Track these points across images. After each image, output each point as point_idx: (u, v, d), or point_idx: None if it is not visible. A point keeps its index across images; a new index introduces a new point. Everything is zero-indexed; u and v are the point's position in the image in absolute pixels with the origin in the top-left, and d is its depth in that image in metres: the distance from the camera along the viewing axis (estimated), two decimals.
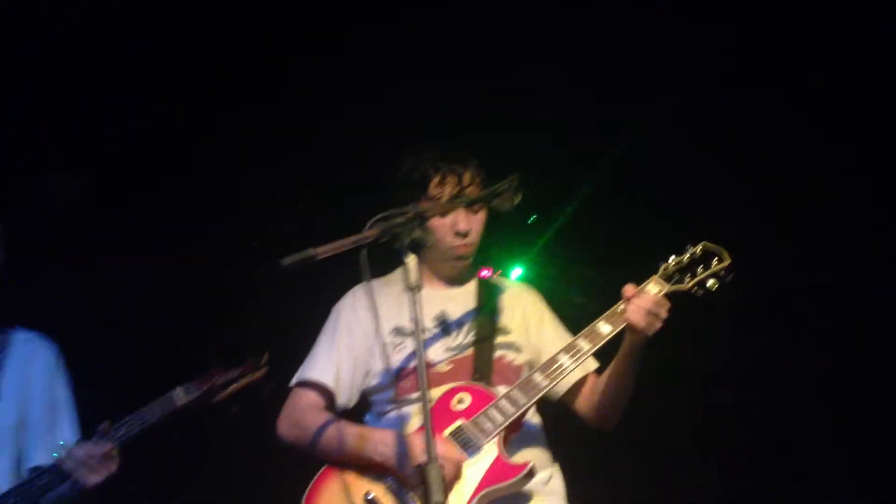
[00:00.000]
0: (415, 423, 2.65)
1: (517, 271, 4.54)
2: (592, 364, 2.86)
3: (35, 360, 2.92)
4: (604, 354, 2.77)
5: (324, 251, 2.25)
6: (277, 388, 2.78)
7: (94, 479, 2.61)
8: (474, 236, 2.82)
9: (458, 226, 2.77)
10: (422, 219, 2.35)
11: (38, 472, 2.66)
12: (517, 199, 2.54)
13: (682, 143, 4.10)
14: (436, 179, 2.75)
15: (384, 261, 2.70)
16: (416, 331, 2.24)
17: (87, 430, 2.74)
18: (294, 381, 2.82)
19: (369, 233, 2.30)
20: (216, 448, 4.28)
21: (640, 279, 2.73)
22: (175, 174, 4.25)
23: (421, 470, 2.12)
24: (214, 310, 4.23)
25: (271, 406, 2.83)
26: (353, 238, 2.29)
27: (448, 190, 2.75)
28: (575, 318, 2.88)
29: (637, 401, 2.80)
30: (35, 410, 2.87)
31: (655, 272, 2.75)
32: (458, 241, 2.80)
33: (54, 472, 2.63)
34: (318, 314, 2.96)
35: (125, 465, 2.65)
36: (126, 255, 4.17)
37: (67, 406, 2.94)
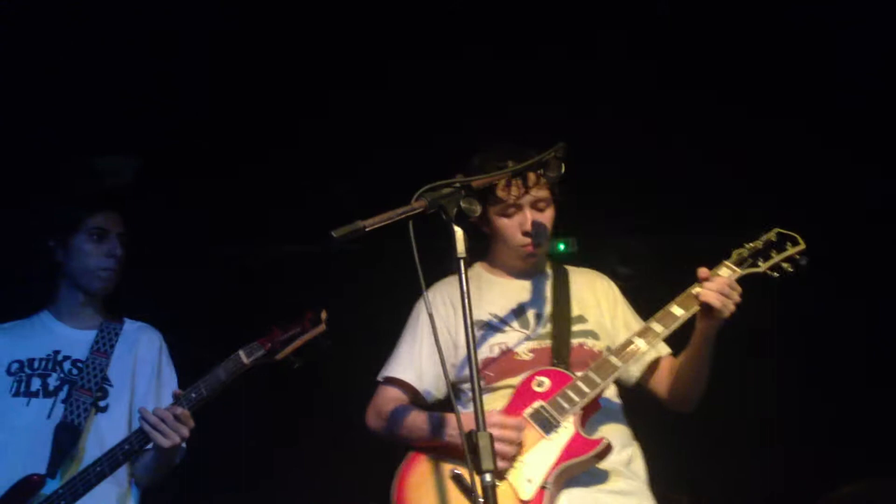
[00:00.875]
0: (497, 406, 2.75)
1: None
2: (665, 349, 2.94)
3: (141, 346, 3.15)
4: (677, 339, 2.81)
5: (372, 223, 2.27)
6: (334, 345, 2.87)
7: (167, 442, 2.73)
8: (547, 227, 2.89)
9: (526, 225, 2.86)
10: (469, 189, 2.36)
11: (123, 440, 2.80)
12: (563, 168, 2.57)
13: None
14: (502, 182, 2.81)
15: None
16: (463, 299, 2.25)
17: None
18: (379, 377, 2.95)
19: (416, 204, 2.32)
20: (311, 429, 4.36)
21: (690, 250, 2.74)
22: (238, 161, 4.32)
23: (471, 437, 2.13)
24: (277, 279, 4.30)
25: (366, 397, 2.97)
26: (401, 210, 2.31)
27: (514, 192, 2.83)
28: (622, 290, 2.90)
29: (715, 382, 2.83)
30: (142, 391, 3.07)
31: (727, 257, 2.80)
32: (526, 241, 2.88)
33: (135, 437, 2.79)
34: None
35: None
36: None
37: (174, 387, 3.08)
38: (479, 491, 2.10)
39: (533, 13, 3.86)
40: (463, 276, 2.27)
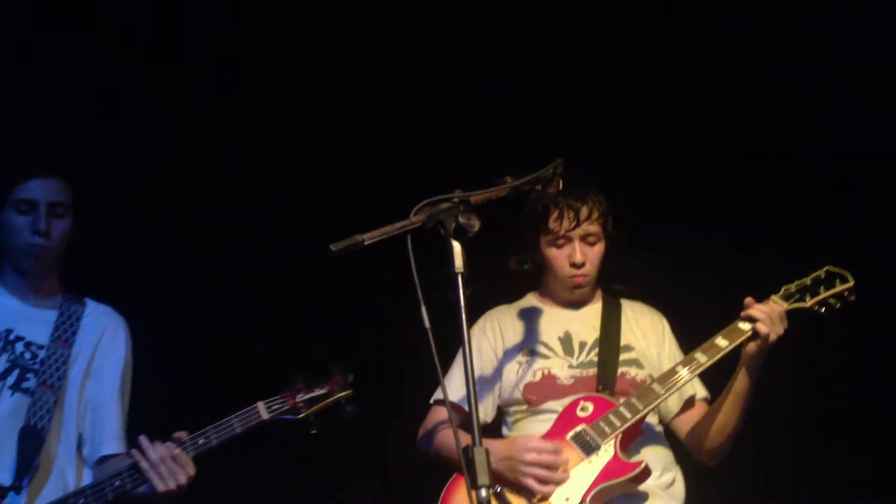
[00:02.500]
0: (542, 429, 2.85)
1: None
2: (703, 391, 3.01)
3: (106, 336, 2.87)
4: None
5: (370, 237, 2.26)
6: (360, 412, 2.76)
7: (163, 486, 2.51)
8: (590, 267, 3.00)
9: (574, 257, 2.96)
10: (467, 204, 2.37)
11: (113, 474, 2.58)
12: (562, 184, 2.59)
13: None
14: (554, 214, 2.95)
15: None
16: (460, 314, 2.24)
17: (163, 437, 2.64)
18: (431, 399, 3.03)
19: (415, 218, 2.32)
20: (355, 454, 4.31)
21: (684, 266, 2.78)
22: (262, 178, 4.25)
23: (467, 452, 2.15)
24: (299, 324, 4.23)
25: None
26: (400, 224, 2.30)
27: (565, 224, 2.94)
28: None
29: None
30: (107, 390, 2.83)
31: (776, 291, 2.87)
32: (574, 272, 2.99)
33: (129, 475, 2.56)
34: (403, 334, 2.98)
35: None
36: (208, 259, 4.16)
37: (129, 390, 2.89)
38: None
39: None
40: (460, 291, 2.27)
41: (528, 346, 3.01)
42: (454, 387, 2.95)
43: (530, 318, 3.08)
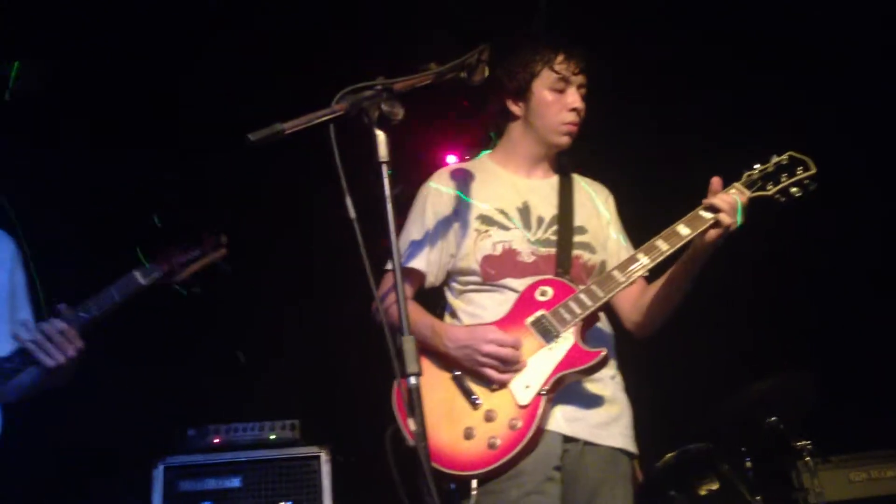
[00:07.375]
0: (496, 305, 2.78)
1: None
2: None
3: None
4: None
5: (291, 126, 2.21)
6: (235, 272, 2.81)
7: (51, 361, 2.53)
8: (583, 115, 2.90)
9: (576, 102, 2.87)
10: (390, 92, 2.30)
11: (3, 357, 2.58)
12: (487, 72, 2.52)
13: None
14: (561, 56, 2.86)
15: None
16: (385, 204, 2.20)
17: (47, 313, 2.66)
18: (388, 265, 2.76)
19: (337, 107, 2.26)
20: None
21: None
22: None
23: (397, 342, 2.15)
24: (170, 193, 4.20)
25: None
26: (321, 112, 2.24)
27: (572, 67, 2.86)
28: None
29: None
30: None
31: (738, 178, 2.81)
32: (571, 118, 2.89)
33: (18, 355, 2.57)
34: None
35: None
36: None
37: (27, 291, 2.85)
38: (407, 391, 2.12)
39: None
40: (385, 181, 2.24)
41: (486, 212, 2.88)
42: (415, 252, 2.88)
43: (488, 181, 2.95)
